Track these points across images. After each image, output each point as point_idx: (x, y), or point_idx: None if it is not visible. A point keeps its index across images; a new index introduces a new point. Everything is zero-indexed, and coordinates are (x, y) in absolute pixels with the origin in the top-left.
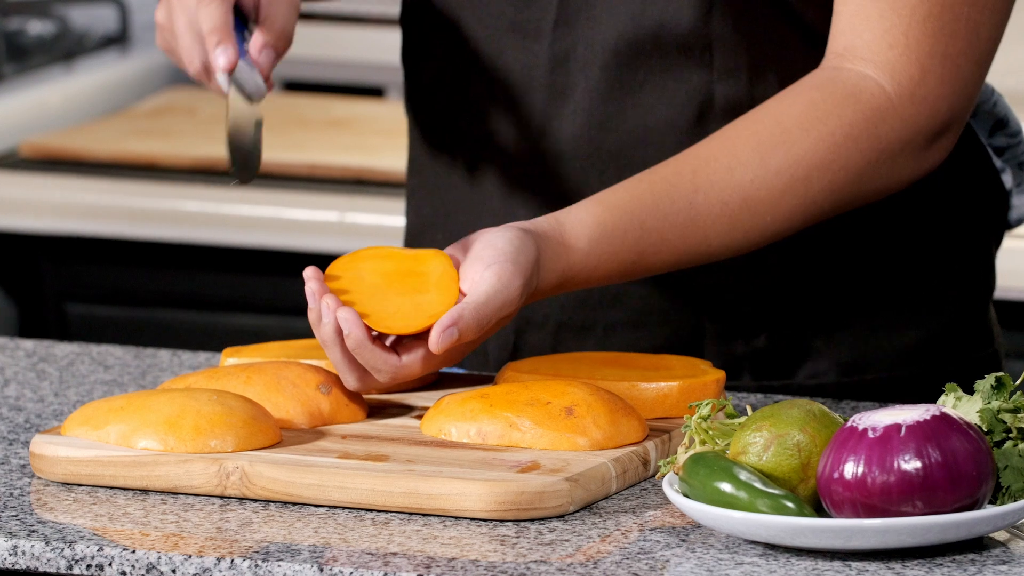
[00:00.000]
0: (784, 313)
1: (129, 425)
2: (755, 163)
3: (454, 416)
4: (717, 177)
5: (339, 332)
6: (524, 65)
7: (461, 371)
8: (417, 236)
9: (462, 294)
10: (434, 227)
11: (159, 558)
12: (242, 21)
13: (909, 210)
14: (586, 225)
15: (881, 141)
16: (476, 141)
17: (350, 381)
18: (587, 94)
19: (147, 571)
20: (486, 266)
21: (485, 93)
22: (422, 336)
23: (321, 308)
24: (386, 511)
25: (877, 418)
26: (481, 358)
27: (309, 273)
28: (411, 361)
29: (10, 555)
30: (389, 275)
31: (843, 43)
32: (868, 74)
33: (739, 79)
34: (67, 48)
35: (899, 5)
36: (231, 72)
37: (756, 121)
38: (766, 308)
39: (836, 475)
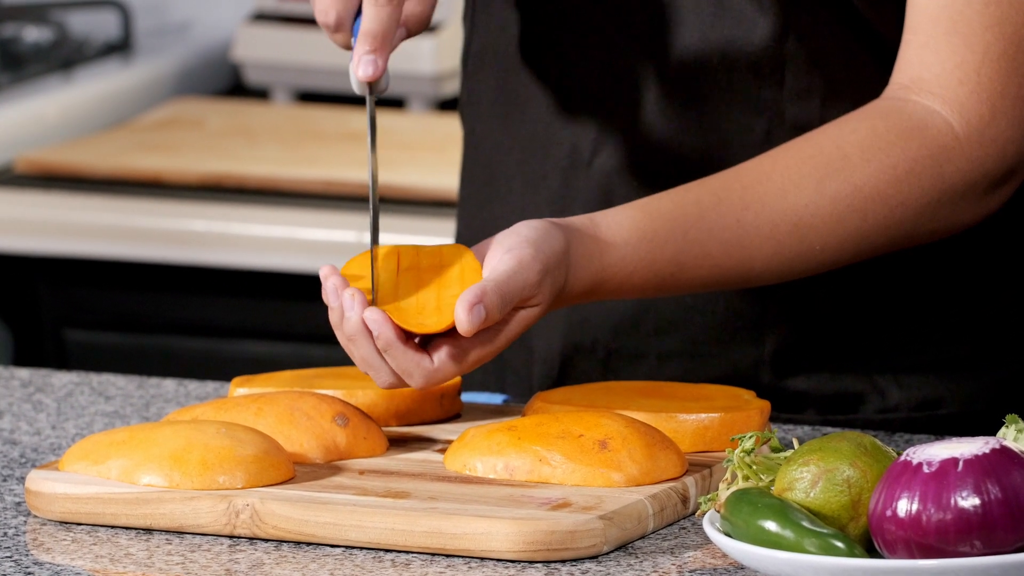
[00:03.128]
0: (850, 347)
1: (132, 460)
2: (810, 188)
3: (480, 450)
4: (769, 197)
5: (367, 327)
6: (585, 74)
7: (500, 399)
8: None
9: None
10: (482, 239)
11: None
12: None
13: (984, 242)
14: (623, 228)
15: (944, 180)
16: (529, 153)
17: (383, 379)
18: (647, 109)
19: None
20: (506, 250)
21: (541, 104)
22: (449, 334)
23: (344, 303)
24: (407, 552)
25: (933, 452)
26: (525, 384)
27: (326, 271)
28: (442, 362)
29: None
30: (408, 271)
31: (910, 74)
32: (935, 109)
33: (811, 101)
34: (65, 56)
35: (973, 41)
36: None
37: (814, 144)
38: (831, 342)
39: (889, 513)
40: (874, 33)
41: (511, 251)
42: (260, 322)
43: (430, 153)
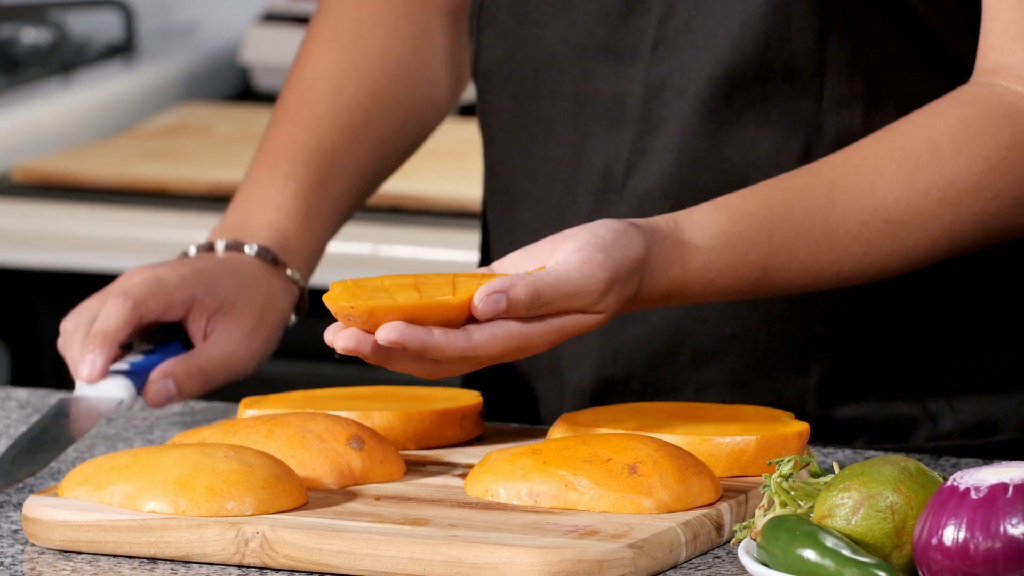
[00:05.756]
0: (899, 372)
1: (135, 485)
2: (900, 181)
3: (502, 475)
4: (857, 193)
5: (381, 350)
6: (615, 92)
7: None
8: None
9: None
10: None
11: None
12: (184, 342)
13: None
14: (707, 231)
15: None
16: (556, 178)
17: (429, 371)
18: (681, 127)
19: None
20: (576, 248)
21: (570, 122)
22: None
23: (338, 343)
24: None
25: (981, 476)
26: (556, 416)
27: (329, 336)
28: (482, 337)
29: None
30: (415, 281)
31: (994, 60)
32: None
33: (853, 109)
34: (65, 59)
35: None
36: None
37: (903, 134)
38: (879, 367)
39: (934, 541)
40: (925, 28)
41: (580, 251)
42: None
43: (450, 161)
